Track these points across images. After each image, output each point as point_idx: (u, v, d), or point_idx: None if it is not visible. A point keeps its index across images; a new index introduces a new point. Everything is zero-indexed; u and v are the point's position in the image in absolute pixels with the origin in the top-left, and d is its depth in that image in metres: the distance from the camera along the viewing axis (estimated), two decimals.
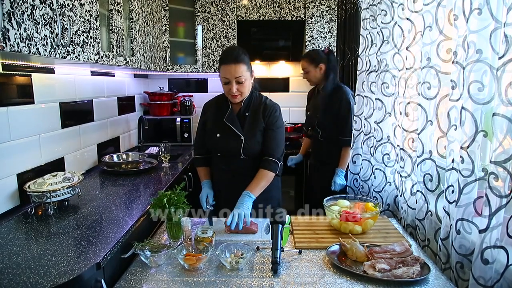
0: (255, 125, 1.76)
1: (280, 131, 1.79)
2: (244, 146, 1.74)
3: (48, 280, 1.04)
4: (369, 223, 1.55)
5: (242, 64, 1.64)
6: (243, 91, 1.69)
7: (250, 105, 1.79)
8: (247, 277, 1.22)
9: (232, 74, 1.63)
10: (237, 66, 1.62)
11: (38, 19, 1.26)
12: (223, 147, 1.79)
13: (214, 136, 1.79)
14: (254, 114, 1.78)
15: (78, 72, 2.21)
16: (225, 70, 1.64)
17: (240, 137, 1.75)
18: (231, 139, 1.76)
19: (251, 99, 1.79)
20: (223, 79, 1.67)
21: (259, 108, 1.78)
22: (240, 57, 1.64)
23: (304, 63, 2.33)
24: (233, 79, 1.64)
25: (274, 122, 1.77)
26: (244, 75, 1.64)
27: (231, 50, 1.68)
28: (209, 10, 3.28)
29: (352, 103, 2.29)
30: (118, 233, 1.35)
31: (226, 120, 1.77)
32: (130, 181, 2.10)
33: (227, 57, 1.65)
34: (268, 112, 1.77)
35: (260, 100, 1.81)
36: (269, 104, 1.80)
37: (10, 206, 1.61)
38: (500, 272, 1.09)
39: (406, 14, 1.74)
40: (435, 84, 1.48)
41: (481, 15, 1.14)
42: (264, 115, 1.77)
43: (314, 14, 3.28)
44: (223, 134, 1.77)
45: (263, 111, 1.77)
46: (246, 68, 1.66)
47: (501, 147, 1.06)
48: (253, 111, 1.78)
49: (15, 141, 1.64)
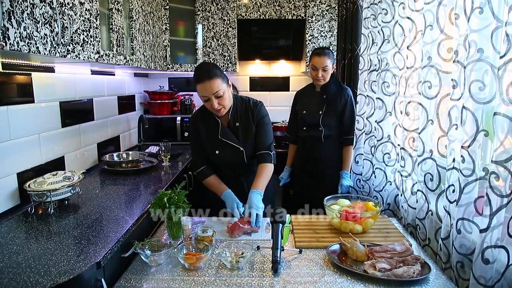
0: (249, 132, 1.80)
1: (268, 126, 1.85)
2: (246, 155, 1.80)
3: (48, 279, 1.04)
4: (370, 222, 1.54)
5: (216, 78, 1.62)
6: (224, 104, 1.68)
7: (237, 114, 1.81)
8: (247, 277, 1.22)
9: (209, 91, 1.62)
10: (212, 81, 1.61)
11: (38, 17, 1.26)
12: (225, 161, 1.83)
13: (213, 153, 1.81)
14: (244, 120, 1.81)
15: (78, 71, 2.21)
16: (202, 88, 1.63)
17: (239, 149, 1.79)
18: (231, 153, 1.80)
19: (236, 108, 1.81)
20: (202, 97, 1.67)
21: (247, 112, 1.82)
22: (212, 72, 1.62)
23: (326, 60, 2.22)
24: (212, 95, 1.63)
25: (263, 119, 1.82)
26: (221, 88, 1.63)
27: (201, 68, 1.66)
28: (209, 9, 3.27)
29: (354, 102, 2.31)
30: (118, 232, 1.35)
31: (221, 137, 1.79)
32: (130, 180, 2.09)
33: (199, 75, 1.63)
34: (255, 111, 1.82)
35: (244, 104, 1.84)
36: (253, 103, 1.84)
37: (10, 205, 1.60)
38: (500, 272, 1.09)
39: (407, 13, 1.74)
40: (435, 83, 1.47)
41: (482, 14, 1.14)
42: (252, 116, 1.81)
43: (315, 13, 3.27)
44: (222, 151, 1.80)
45: (251, 113, 1.81)
46: (221, 81, 1.64)
47: (502, 147, 1.05)
48: (241, 118, 1.81)
49: (15, 140, 1.64)
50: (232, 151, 1.80)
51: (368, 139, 2.17)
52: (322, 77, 2.25)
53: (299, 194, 2.46)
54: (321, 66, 2.22)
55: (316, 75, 2.26)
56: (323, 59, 2.22)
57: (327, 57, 2.22)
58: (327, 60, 2.22)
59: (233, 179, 1.86)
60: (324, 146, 2.34)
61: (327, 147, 2.34)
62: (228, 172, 1.87)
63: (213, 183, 1.82)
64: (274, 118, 3.68)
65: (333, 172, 2.34)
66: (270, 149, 1.82)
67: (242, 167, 1.85)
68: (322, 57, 2.22)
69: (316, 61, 2.23)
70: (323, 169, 2.35)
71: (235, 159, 1.81)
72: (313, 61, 2.25)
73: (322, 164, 2.35)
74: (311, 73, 2.30)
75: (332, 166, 2.35)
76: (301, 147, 2.46)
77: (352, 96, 2.33)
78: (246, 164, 1.84)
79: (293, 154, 2.55)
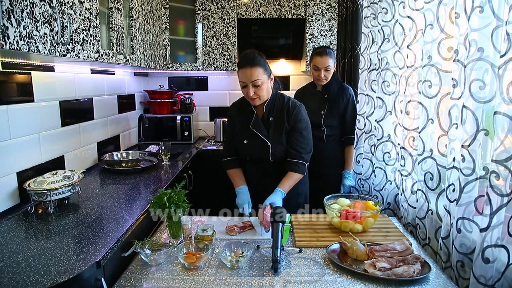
0: (280, 130, 1.75)
1: (305, 132, 1.76)
2: (272, 152, 1.75)
3: (48, 278, 1.03)
4: (370, 221, 1.54)
5: (258, 67, 1.63)
6: (260, 94, 1.67)
7: (273, 109, 1.78)
8: (247, 276, 1.21)
9: (248, 77, 1.63)
10: (253, 69, 1.62)
11: (37, 17, 1.26)
12: (251, 153, 1.81)
13: (241, 142, 1.81)
14: (278, 117, 1.76)
15: (78, 70, 2.20)
16: (242, 74, 1.64)
17: (267, 143, 1.75)
18: (258, 146, 1.77)
19: (273, 103, 1.78)
20: (241, 83, 1.67)
21: (283, 111, 1.76)
22: (256, 59, 1.63)
23: (328, 60, 2.21)
24: (250, 83, 1.63)
25: (298, 123, 1.74)
26: (260, 78, 1.63)
27: (247, 54, 1.68)
28: (209, 8, 3.27)
29: (355, 101, 2.30)
30: (118, 232, 1.35)
31: (252, 127, 1.77)
32: (130, 180, 2.09)
33: (243, 60, 1.66)
34: (292, 113, 1.75)
35: (282, 102, 1.78)
36: (292, 105, 1.77)
37: (10, 205, 1.60)
38: (501, 271, 1.09)
39: (407, 12, 1.74)
40: (436, 82, 1.47)
41: (483, 13, 1.14)
42: (288, 117, 1.75)
43: (315, 12, 3.27)
44: (250, 141, 1.78)
45: (286, 113, 1.75)
46: (262, 71, 1.64)
47: (502, 146, 1.05)
48: (276, 115, 1.77)
49: (15, 139, 1.64)
50: (259, 144, 1.76)
51: (368, 138, 2.17)
52: (324, 77, 2.24)
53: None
54: (324, 66, 2.21)
55: (318, 75, 2.24)
56: (325, 59, 2.20)
57: (329, 56, 2.20)
58: (329, 60, 2.20)
59: (256, 177, 1.85)
60: (326, 146, 2.33)
61: (329, 147, 2.33)
62: (252, 167, 1.86)
63: (235, 175, 1.85)
64: None
65: (335, 172, 2.34)
66: (304, 159, 1.73)
67: (266, 166, 1.80)
68: (324, 57, 2.20)
69: (318, 62, 2.22)
70: (325, 169, 2.34)
71: (261, 153, 1.76)
72: (315, 61, 2.24)
73: (324, 163, 2.34)
74: (313, 73, 2.29)
75: (334, 165, 2.35)
76: None
77: (354, 95, 2.32)
78: (271, 163, 1.78)
79: None
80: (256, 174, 1.86)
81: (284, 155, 1.76)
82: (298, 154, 1.73)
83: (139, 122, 3.05)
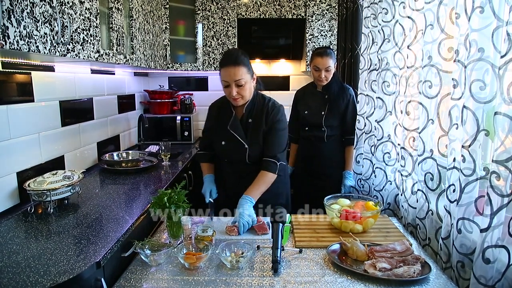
0: (258, 131, 1.74)
1: (281, 134, 1.75)
2: (249, 153, 1.75)
3: (48, 279, 1.03)
4: (370, 222, 1.54)
5: (242, 67, 1.60)
6: (243, 94, 1.65)
7: (253, 110, 1.76)
8: (247, 276, 1.21)
9: (231, 77, 1.60)
10: (237, 68, 1.59)
11: (38, 16, 1.26)
12: (229, 155, 1.81)
13: (219, 143, 1.80)
14: (257, 119, 1.75)
15: (78, 70, 2.20)
16: (225, 73, 1.61)
17: (244, 145, 1.74)
18: (235, 147, 1.76)
19: (253, 104, 1.76)
20: (223, 82, 1.64)
21: (262, 112, 1.75)
22: (240, 59, 1.60)
23: (329, 60, 2.20)
24: (233, 82, 1.61)
25: (276, 124, 1.74)
26: (244, 77, 1.61)
27: (230, 52, 1.66)
28: (209, 8, 3.27)
29: (356, 102, 2.30)
30: (118, 232, 1.35)
31: (230, 128, 1.76)
32: (130, 180, 2.09)
33: (226, 59, 1.62)
34: (270, 114, 1.74)
35: (263, 103, 1.77)
36: (272, 106, 1.76)
37: (10, 205, 1.60)
38: (501, 272, 1.09)
39: (407, 13, 1.74)
40: (436, 82, 1.47)
41: (483, 13, 1.14)
42: (266, 117, 1.74)
43: (315, 12, 3.27)
44: (227, 142, 1.77)
45: (266, 114, 1.74)
46: (246, 70, 1.62)
47: (503, 146, 1.05)
48: (256, 116, 1.75)
49: (15, 139, 1.63)
50: (236, 146, 1.75)
51: (368, 139, 2.17)
52: (325, 77, 2.24)
53: (300, 194, 2.46)
54: (324, 67, 2.21)
55: (319, 76, 2.24)
56: (325, 60, 2.20)
57: (329, 57, 2.20)
58: (329, 60, 2.20)
59: (234, 179, 1.84)
60: (327, 146, 2.33)
61: (329, 147, 2.33)
62: (229, 169, 1.85)
63: (205, 167, 1.92)
64: None
65: (335, 172, 2.34)
66: (277, 158, 1.72)
67: (243, 168, 1.79)
68: (324, 57, 2.20)
69: (319, 62, 2.22)
70: (325, 169, 2.34)
71: (238, 155, 1.76)
72: (315, 61, 2.24)
73: (324, 164, 2.35)
74: (313, 73, 2.29)
75: (334, 166, 2.35)
76: (303, 147, 2.45)
77: (354, 96, 2.32)
78: (248, 165, 1.77)
79: (295, 154, 2.55)
80: (234, 176, 1.84)
81: (261, 155, 1.75)
82: (271, 154, 1.72)
83: (139, 122, 3.05)
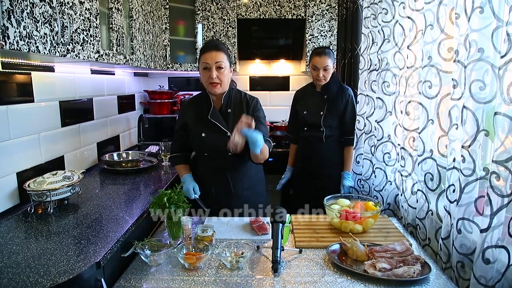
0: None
1: (263, 121, 1.82)
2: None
3: (48, 279, 1.03)
4: (370, 222, 1.54)
5: (223, 53, 1.68)
6: (222, 79, 1.69)
7: (230, 101, 1.80)
8: (247, 276, 1.21)
9: (212, 59, 1.65)
10: (218, 53, 1.66)
11: (37, 17, 1.26)
12: (210, 146, 1.78)
13: (199, 136, 1.78)
14: (237, 109, 1.79)
15: (78, 71, 2.20)
16: (206, 56, 1.66)
17: (226, 133, 1.73)
18: (217, 137, 1.75)
19: (230, 95, 1.81)
20: (203, 64, 1.68)
21: (241, 102, 1.81)
22: (221, 45, 1.70)
23: (327, 60, 2.21)
24: (213, 65, 1.65)
25: (257, 112, 1.80)
26: (224, 62, 1.67)
27: (212, 40, 1.74)
28: (209, 8, 3.27)
29: (355, 102, 2.30)
30: (118, 232, 1.35)
31: (211, 117, 1.76)
32: (130, 180, 2.09)
33: (208, 45, 1.71)
34: (250, 104, 1.80)
35: (240, 96, 1.84)
36: (250, 97, 1.84)
37: (10, 205, 1.60)
38: (501, 272, 1.09)
39: (407, 13, 1.74)
40: (436, 83, 1.47)
41: (483, 13, 1.14)
42: (247, 107, 1.79)
43: (315, 12, 3.27)
44: (208, 133, 1.77)
45: (246, 104, 1.80)
46: (226, 57, 1.70)
47: (503, 146, 1.05)
48: (234, 106, 1.79)
49: (15, 139, 1.63)
50: (218, 135, 1.74)
51: (368, 139, 2.17)
52: (323, 77, 2.24)
53: (299, 194, 2.46)
54: (322, 66, 2.22)
55: (317, 75, 2.25)
56: (324, 59, 2.21)
57: (327, 56, 2.21)
58: (328, 60, 2.21)
59: (218, 174, 1.81)
60: (325, 147, 2.33)
61: (328, 148, 2.33)
62: (212, 163, 1.81)
63: (181, 168, 1.89)
64: (274, 117, 3.70)
65: (334, 172, 2.34)
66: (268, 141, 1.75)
67: (224, 161, 1.78)
68: (323, 56, 2.21)
69: (317, 61, 2.22)
70: (324, 169, 2.34)
71: (221, 144, 1.70)
72: (313, 61, 2.24)
73: (323, 164, 2.34)
74: (312, 73, 2.29)
75: (333, 166, 2.35)
76: (302, 147, 2.45)
77: (353, 96, 2.32)
78: (229, 157, 1.75)
79: (294, 154, 2.55)
80: (216, 171, 1.82)
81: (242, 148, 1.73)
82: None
83: (139, 122, 3.05)
